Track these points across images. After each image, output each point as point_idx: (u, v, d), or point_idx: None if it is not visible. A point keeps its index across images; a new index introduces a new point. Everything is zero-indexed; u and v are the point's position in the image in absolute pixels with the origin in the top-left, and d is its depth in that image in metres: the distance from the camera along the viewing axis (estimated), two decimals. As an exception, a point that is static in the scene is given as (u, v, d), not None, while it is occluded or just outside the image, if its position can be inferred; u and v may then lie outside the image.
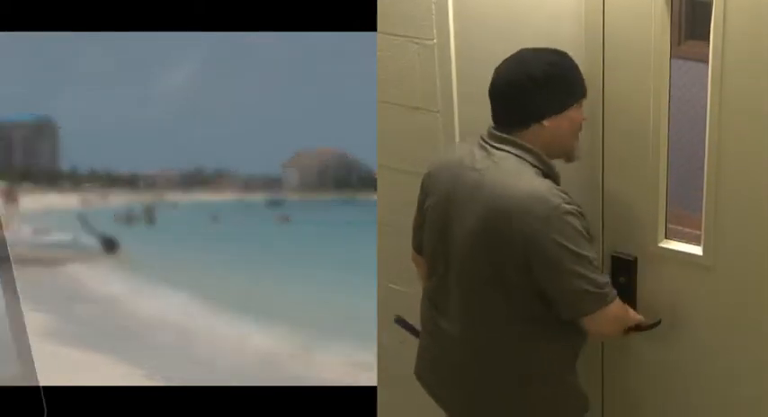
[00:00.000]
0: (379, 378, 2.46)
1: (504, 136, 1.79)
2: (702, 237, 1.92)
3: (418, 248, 2.06)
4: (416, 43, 2.18)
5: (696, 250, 1.94)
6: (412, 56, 2.20)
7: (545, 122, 1.77)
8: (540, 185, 1.73)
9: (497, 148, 1.79)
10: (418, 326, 2.10)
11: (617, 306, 1.76)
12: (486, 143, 1.81)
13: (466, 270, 1.84)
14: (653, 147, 1.91)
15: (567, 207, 1.71)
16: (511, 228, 1.72)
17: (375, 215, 2.47)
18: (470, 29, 2.09)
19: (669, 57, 1.86)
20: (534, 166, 1.77)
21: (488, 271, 1.79)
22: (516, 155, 1.77)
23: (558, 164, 1.84)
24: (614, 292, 1.75)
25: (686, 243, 1.98)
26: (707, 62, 1.78)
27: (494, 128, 1.82)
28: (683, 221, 2.05)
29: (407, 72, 2.22)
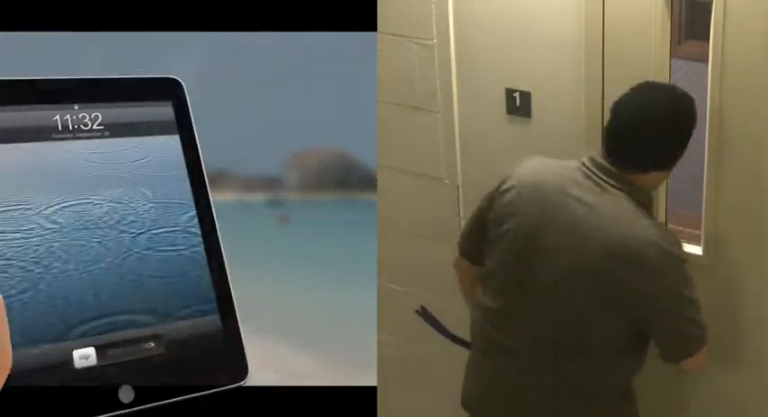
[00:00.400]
0: (379, 378, 2.47)
1: (621, 175, 1.71)
2: (702, 237, 1.92)
3: (467, 255, 1.99)
4: (416, 43, 2.18)
5: (696, 250, 1.94)
6: (412, 56, 2.20)
7: (667, 170, 1.75)
8: (655, 231, 1.70)
9: (610, 185, 1.72)
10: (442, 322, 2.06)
11: (706, 350, 1.79)
12: (596, 175, 1.73)
13: (558, 301, 1.77)
14: (653, 147, 1.91)
15: (682, 254, 1.72)
16: (626, 273, 1.68)
17: (375, 215, 2.47)
18: (470, 29, 2.09)
19: (669, 57, 1.86)
20: (644, 207, 1.73)
21: (589, 307, 1.74)
22: (630, 196, 1.71)
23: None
24: (707, 334, 1.78)
25: (686, 243, 1.98)
26: (707, 62, 1.78)
27: (607, 160, 1.73)
28: (683, 221, 2.06)
29: (407, 72, 2.22)
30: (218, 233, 0.96)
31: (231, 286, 0.96)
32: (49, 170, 0.90)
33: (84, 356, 0.85)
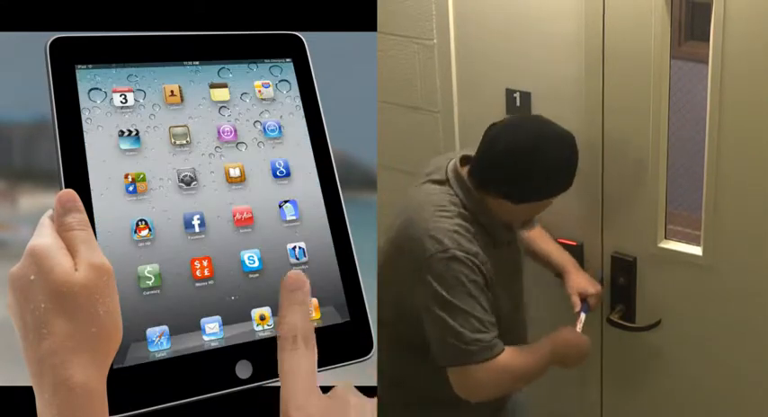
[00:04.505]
0: (379, 378, 2.46)
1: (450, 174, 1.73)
2: (702, 237, 1.92)
3: None
4: (416, 43, 2.18)
5: (696, 250, 1.95)
6: (412, 56, 2.20)
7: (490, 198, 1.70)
8: (440, 224, 1.66)
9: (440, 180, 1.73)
10: None
11: (485, 371, 1.63)
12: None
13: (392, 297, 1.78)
14: (653, 147, 1.91)
15: (455, 252, 1.63)
16: (402, 260, 1.70)
17: (375, 215, 2.46)
18: (470, 29, 2.09)
19: (669, 57, 1.86)
20: (457, 205, 1.69)
21: (390, 301, 1.73)
22: (445, 192, 1.71)
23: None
24: (487, 354, 1.63)
25: (686, 243, 1.98)
26: (707, 62, 1.78)
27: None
28: (683, 221, 2.06)
29: (407, 72, 2.22)
30: (344, 206, 0.89)
31: (356, 255, 0.89)
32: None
33: None
